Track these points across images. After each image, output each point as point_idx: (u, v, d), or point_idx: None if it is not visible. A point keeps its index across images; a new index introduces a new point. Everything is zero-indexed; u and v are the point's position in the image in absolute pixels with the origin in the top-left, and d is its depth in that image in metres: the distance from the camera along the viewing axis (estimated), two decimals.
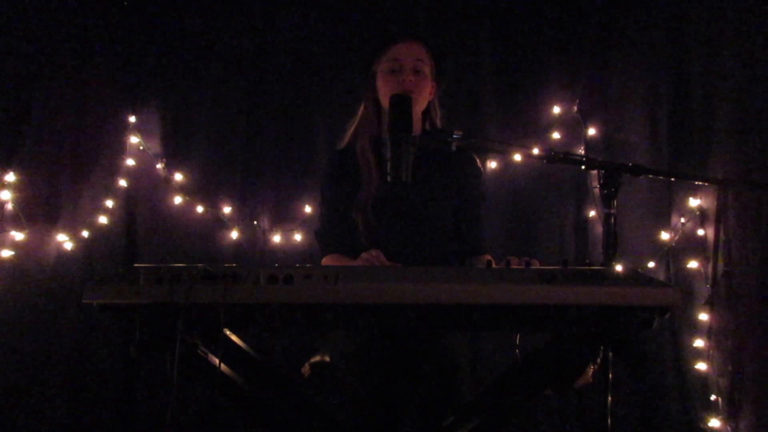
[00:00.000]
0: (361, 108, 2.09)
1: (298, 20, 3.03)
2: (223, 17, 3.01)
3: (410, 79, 1.95)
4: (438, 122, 2.10)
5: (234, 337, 1.52)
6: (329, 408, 1.67)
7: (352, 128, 2.11)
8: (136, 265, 1.28)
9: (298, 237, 2.98)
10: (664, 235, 2.81)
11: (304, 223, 2.98)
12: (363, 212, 1.98)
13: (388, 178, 1.60)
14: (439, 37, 2.92)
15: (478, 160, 2.17)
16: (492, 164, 2.93)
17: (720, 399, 2.61)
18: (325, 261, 2.04)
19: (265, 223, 2.99)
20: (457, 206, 2.07)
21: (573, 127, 2.95)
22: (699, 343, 2.70)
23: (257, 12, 3.02)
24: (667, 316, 1.28)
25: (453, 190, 2.06)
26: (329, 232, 2.06)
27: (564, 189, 2.96)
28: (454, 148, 1.61)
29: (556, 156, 1.58)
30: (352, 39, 2.97)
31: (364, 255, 1.76)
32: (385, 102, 1.99)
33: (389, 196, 1.99)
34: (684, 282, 2.74)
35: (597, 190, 2.65)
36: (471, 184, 2.10)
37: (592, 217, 2.91)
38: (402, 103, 1.64)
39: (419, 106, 2.02)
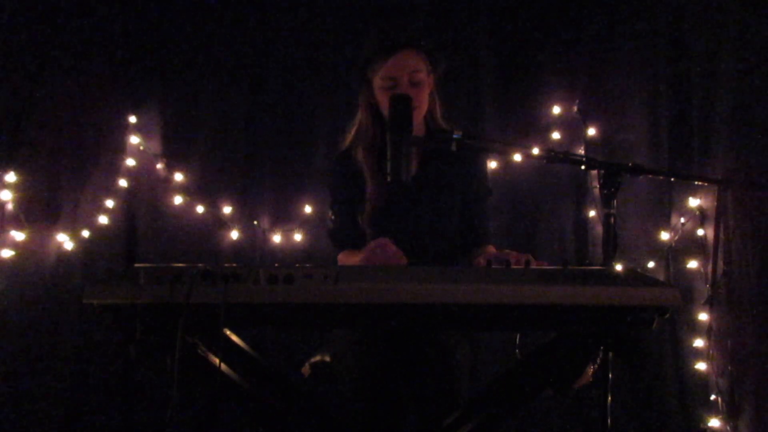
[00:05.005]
0: (359, 113, 2.09)
1: (298, 20, 3.02)
2: (223, 17, 3.01)
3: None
4: (439, 113, 2.08)
5: (234, 337, 1.52)
6: (329, 408, 1.67)
7: (352, 131, 2.11)
8: (136, 265, 1.28)
9: (298, 237, 2.98)
10: (664, 235, 2.81)
11: (304, 223, 2.98)
12: (369, 221, 1.99)
13: (388, 178, 1.60)
14: (437, 37, 2.92)
15: (482, 156, 2.17)
16: (492, 164, 2.92)
17: (720, 399, 2.61)
18: (340, 258, 2.06)
19: (265, 223, 2.99)
20: (463, 203, 2.07)
21: (573, 127, 2.95)
22: (699, 343, 2.70)
23: (257, 12, 3.02)
24: (667, 316, 1.28)
25: (459, 188, 2.06)
26: (342, 231, 2.08)
27: (564, 189, 2.96)
28: (454, 148, 1.61)
29: (556, 156, 1.58)
30: (350, 38, 2.97)
31: (371, 244, 1.74)
32: (384, 111, 1.98)
33: (395, 198, 2.00)
34: (684, 282, 2.74)
35: (597, 190, 2.65)
36: (476, 180, 2.11)
37: (592, 217, 2.91)
38: (402, 103, 1.64)
39: (420, 113, 2.01)
